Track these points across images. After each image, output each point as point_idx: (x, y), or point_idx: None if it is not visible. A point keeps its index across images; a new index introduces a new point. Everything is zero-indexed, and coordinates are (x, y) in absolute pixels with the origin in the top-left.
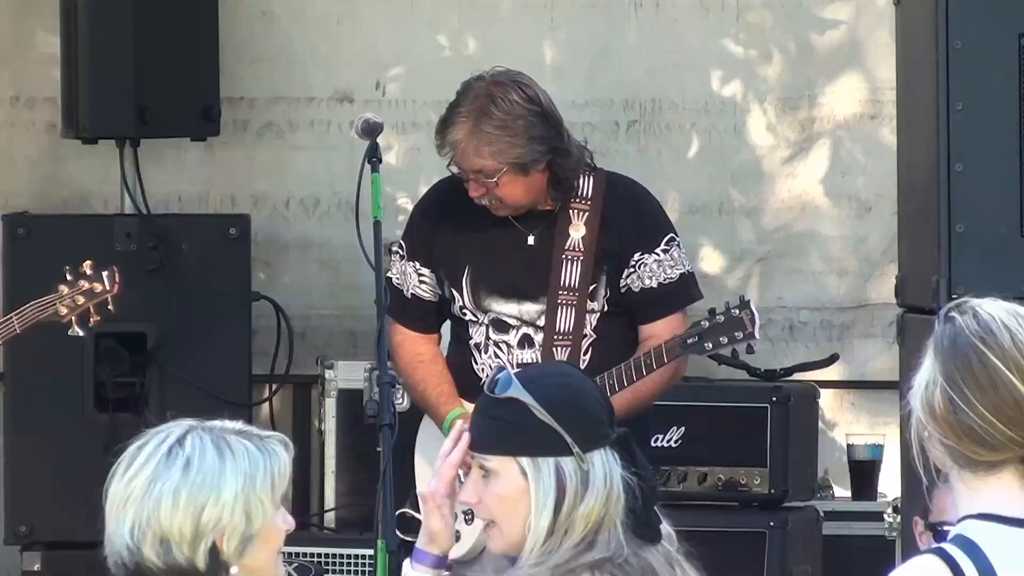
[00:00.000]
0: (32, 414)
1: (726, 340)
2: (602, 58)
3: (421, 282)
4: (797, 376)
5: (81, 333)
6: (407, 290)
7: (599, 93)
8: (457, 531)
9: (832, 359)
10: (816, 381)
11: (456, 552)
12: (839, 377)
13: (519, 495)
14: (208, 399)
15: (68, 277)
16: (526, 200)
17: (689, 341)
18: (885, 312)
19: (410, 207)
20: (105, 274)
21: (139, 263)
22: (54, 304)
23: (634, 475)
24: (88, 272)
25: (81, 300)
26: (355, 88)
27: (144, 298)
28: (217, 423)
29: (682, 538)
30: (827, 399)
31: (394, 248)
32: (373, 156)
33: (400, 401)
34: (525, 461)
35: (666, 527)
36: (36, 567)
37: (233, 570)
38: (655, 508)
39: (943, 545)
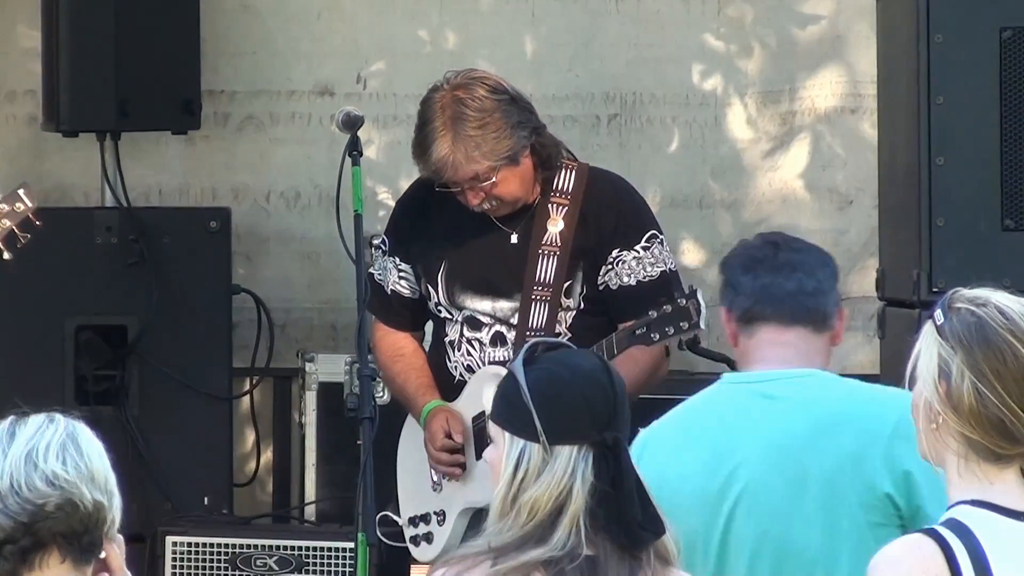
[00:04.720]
0: (11, 407)
1: (672, 331)
2: (583, 52)
3: (401, 278)
4: None
5: (9, 256)
6: (387, 286)
7: (580, 87)
8: (430, 532)
9: None
10: None
11: (428, 554)
12: None
13: (498, 464)
14: (188, 392)
15: None
16: (522, 192)
17: (637, 332)
18: (866, 305)
19: (391, 201)
20: (21, 191)
21: (120, 256)
22: None
23: (609, 483)
24: None
25: (6, 223)
26: (336, 81)
27: (125, 291)
28: None
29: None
30: None
31: (375, 242)
32: (354, 149)
33: (380, 395)
34: (507, 435)
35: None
36: None
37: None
38: (639, 521)
39: (935, 527)
